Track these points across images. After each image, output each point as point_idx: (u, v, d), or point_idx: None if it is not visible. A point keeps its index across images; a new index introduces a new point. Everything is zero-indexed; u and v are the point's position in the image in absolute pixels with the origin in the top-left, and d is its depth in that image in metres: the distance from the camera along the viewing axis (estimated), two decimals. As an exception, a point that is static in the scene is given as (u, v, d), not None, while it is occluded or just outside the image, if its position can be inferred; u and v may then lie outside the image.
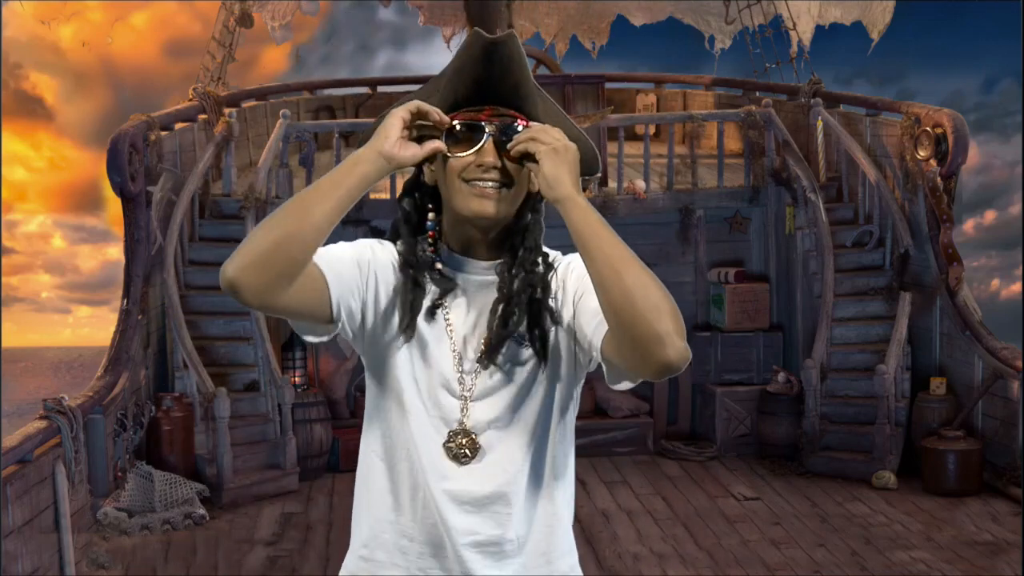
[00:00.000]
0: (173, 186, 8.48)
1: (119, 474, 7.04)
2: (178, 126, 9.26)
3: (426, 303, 1.94)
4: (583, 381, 2.02)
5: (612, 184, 9.59)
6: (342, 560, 2.09)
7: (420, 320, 1.94)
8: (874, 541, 6.55)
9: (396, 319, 1.95)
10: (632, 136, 11.17)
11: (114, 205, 8.20)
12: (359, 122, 10.89)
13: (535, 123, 1.91)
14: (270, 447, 7.96)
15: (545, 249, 1.98)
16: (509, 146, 1.87)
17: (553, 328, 1.95)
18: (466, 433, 1.93)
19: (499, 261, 1.95)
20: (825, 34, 12.62)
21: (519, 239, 1.95)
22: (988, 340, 7.76)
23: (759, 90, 11.19)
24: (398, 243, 1.99)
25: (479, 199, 1.88)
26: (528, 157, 1.86)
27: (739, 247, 9.73)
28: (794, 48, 11.80)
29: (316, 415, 8.25)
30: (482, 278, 1.96)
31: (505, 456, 1.95)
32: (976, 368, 7.88)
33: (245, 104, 11.02)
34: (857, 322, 8.70)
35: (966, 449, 7.46)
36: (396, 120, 1.84)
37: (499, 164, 1.88)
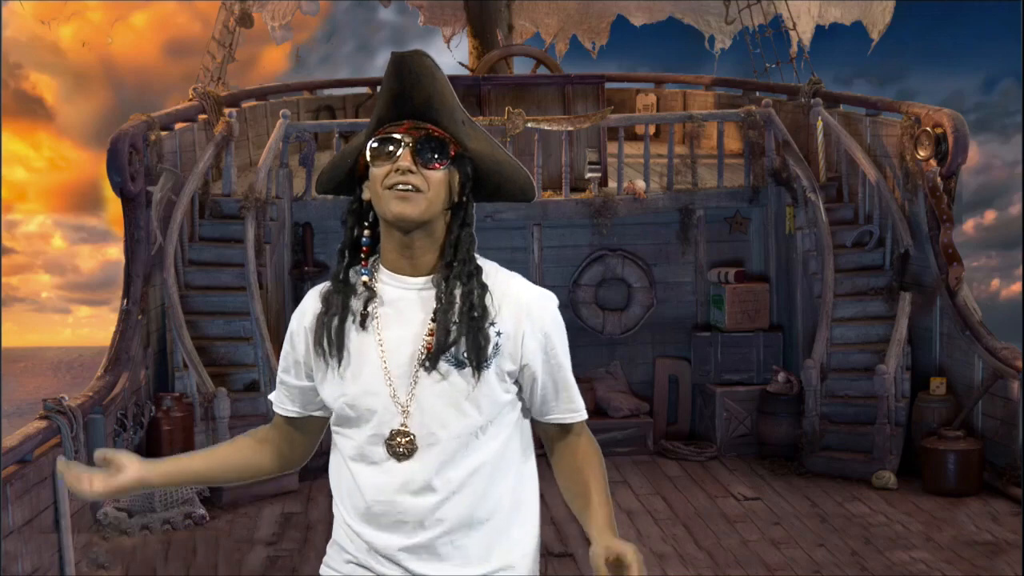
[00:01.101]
0: (173, 186, 8.48)
1: (119, 474, 7.03)
2: (178, 126, 9.25)
3: (356, 315, 2.14)
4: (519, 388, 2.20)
5: (612, 184, 9.59)
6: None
7: (352, 335, 2.14)
8: (874, 541, 6.55)
9: (323, 353, 2.19)
10: (632, 136, 11.18)
11: (114, 205, 8.20)
12: (359, 122, 10.89)
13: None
14: (270, 447, 7.94)
15: (480, 261, 2.14)
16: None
17: (490, 349, 2.11)
18: (405, 434, 2.11)
19: (431, 276, 2.13)
20: (825, 34, 12.64)
21: (452, 252, 2.11)
22: (988, 340, 7.76)
23: (759, 90, 11.18)
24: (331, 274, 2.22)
25: (399, 201, 2.06)
26: (436, 167, 2.11)
27: (739, 247, 9.73)
28: (794, 48, 11.80)
29: (316, 415, 8.24)
30: (414, 292, 2.14)
31: (441, 456, 2.11)
32: (976, 368, 7.88)
33: (245, 104, 11.01)
34: (857, 322, 8.70)
35: (966, 449, 7.46)
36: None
37: (414, 169, 2.06)
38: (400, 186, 2.06)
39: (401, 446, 2.11)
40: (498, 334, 2.11)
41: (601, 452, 2.33)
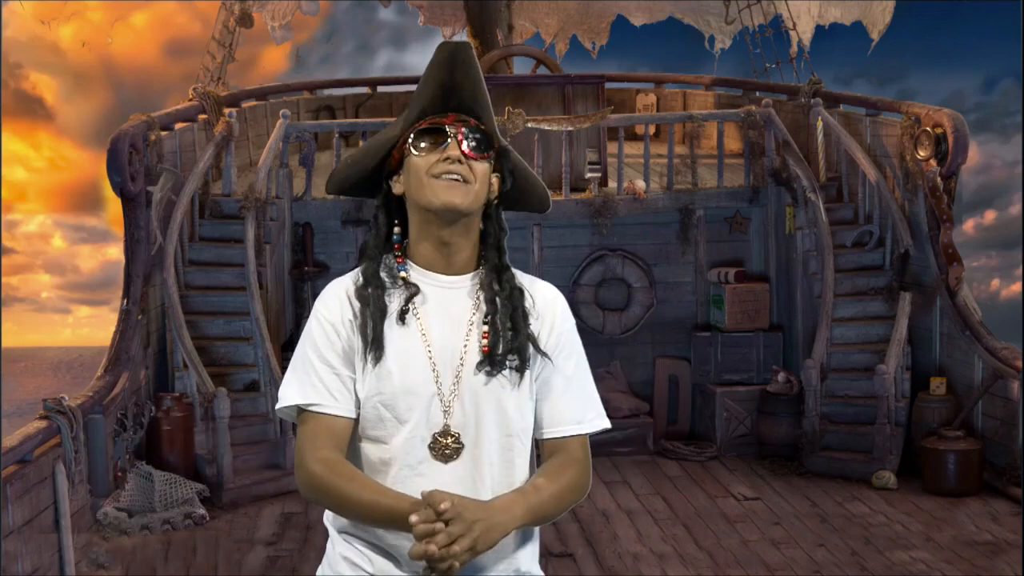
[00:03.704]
0: (173, 186, 8.48)
1: (119, 474, 7.04)
2: (178, 126, 9.26)
3: (395, 310, 2.08)
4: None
5: (612, 184, 9.59)
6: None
7: (391, 329, 2.07)
8: (874, 541, 6.55)
9: (368, 345, 2.09)
10: (632, 136, 11.17)
11: (114, 205, 8.21)
12: (359, 122, 10.89)
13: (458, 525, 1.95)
14: (270, 447, 7.96)
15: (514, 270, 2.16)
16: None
17: (530, 351, 2.11)
18: (449, 433, 2.06)
19: (469, 275, 2.11)
20: (825, 34, 12.64)
21: (496, 255, 2.13)
22: (988, 340, 7.76)
23: (759, 90, 11.18)
24: (361, 265, 2.14)
25: (447, 190, 2.04)
26: (486, 159, 2.10)
27: (739, 247, 9.73)
28: (794, 48, 11.80)
29: (316, 415, 8.23)
30: (452, 291, 2.11)
31: (484, 455, 2.08)
32: (976, 368, 7.88)
33: (245, 104, 11.01)
34: (857, 322, 8.70)
35: (966, 449, 7.46)
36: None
37: (463, 160, 2.05)
38: (449, 175, 2.04)
39: (448, 447, 2.06)
40: (535, 334, 2.13)
41: (582, 483, 2.22)
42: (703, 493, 7.72)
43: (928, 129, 8.34)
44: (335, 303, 2.11)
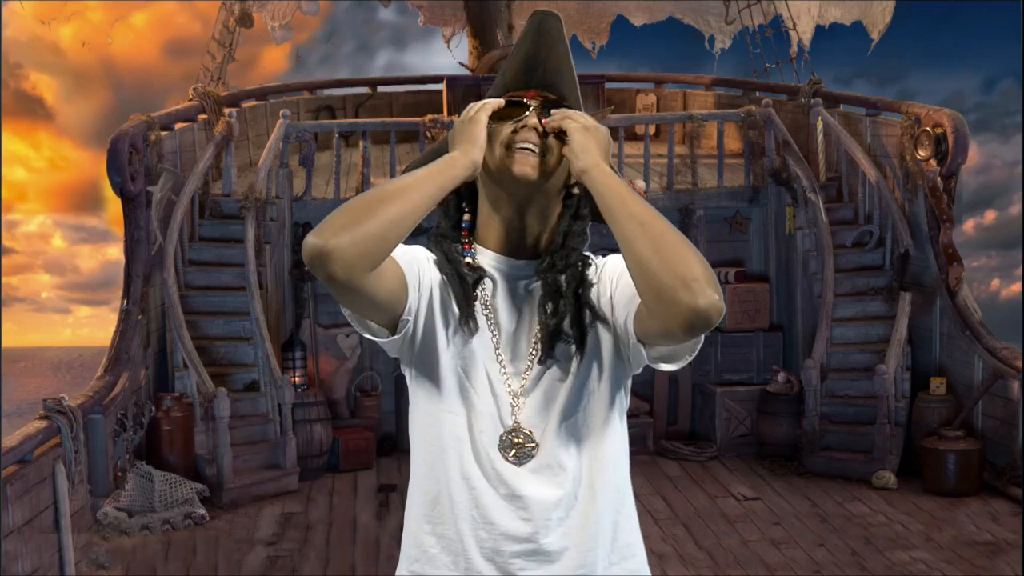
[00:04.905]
0: (173, 186, 8.48)
1: (119, 474, 7.04)
2: (178, 126, 9.26)
3: (466, 299, 1.93)
4: (629, 385, 2.00)
5: (612, 184, 9.57)
6: (342, 560, 2.10)
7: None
8: (874, 541, 6.55)
9: (441, 320, 1.93)
10: (632, 136, 11.17)
11: (114, 205, 8.21)
12: (359, 122, 10.89)
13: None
14: (270, 447, 7.96)
15: (586, 253, 1.99)
16: (545, 121, 1.92)
17: (595, 324, 1.94)
18: (520, 430, 1.91)
19: (537, 260, 1.95)
20: (825, 34, 12.65)
21: (560, 239, 1.95)
22: (988, 340, 7.76)
23: (759, 90, 11.19)
24: (434, 244, 1.99)
25: (521, 162, 1.89)
26: (562, 135, 1.91)
27: (739, 247, 9.73)
28: (794, 48, 11.81)
29: (316, 415, 8.25)
30: (519, 274, 1.96)
31: (563, 456, 1.91)
32: (976, 368, 7.89)
33: (245, 104, 11.02)
34: (857, 322, 8.70)
35: (966, 449, 7.46)
36: (482, 128, 1.91)
37: (539, 128, 1.91)
38: (523, 144, 1.90)
39: (521, 446, 1.91)
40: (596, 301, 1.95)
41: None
42: (703, 493, 7.72)
43: (928, 129, 8.35)
44: (425, 253, 1.96)
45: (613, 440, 1.97)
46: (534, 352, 1.93)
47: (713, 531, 6.82)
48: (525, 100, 1.95)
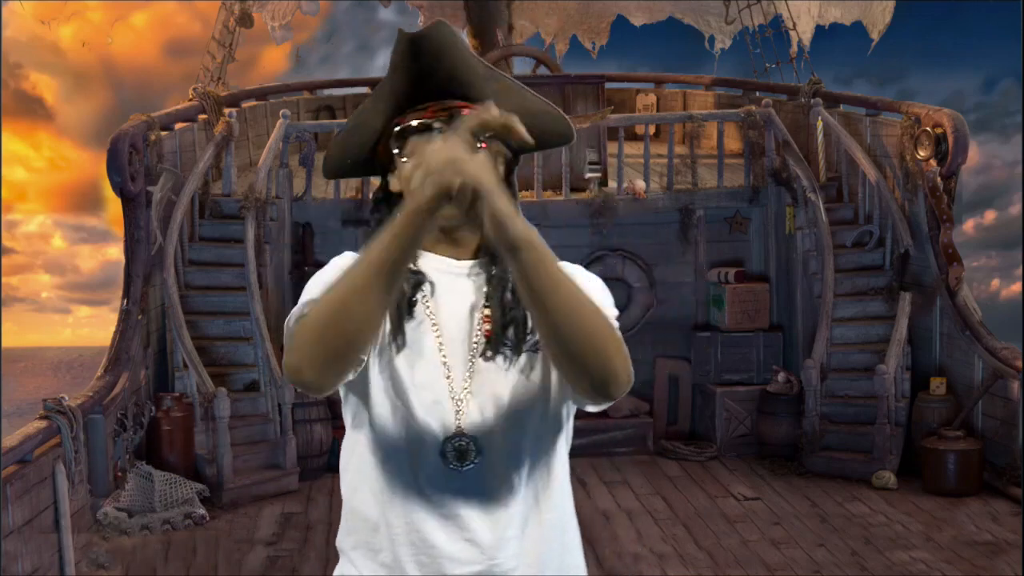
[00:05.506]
0: (173, 186, 8.49)
1: (119, 474, 7.04)
2: (178, 126, 9.27)
3: (403, 300, 1.83)
4: (573, 409, 1.93)
5: (612, 184, 9.59)
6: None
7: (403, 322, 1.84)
8: (874, 541, 6.55)
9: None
10: (632, 136, 11.18)
11: (114, 205, 8.21)
12: (359, 122, 10.87)
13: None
14: (270, 447, 7.96)
15: None
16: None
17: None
18: (464, 435, 1.82)
19: (474, 261, 1.87)
20: (825, 34, 12.65)
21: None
22: (988, 340, 7.76)
23: (759, 90, 11.19)
24: None
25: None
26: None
27: (739, 247, 9.73)
28: (794, 48, 11.81)
29: (316, 415, 8.24)
30: (463, 277, 1.87)
31: (507, 460, 1.84)
32: (976, 368, 7.88)
33: (245, 104, 11.02)
34: (857, 322, 8.70)
35: (966, 449, 7.46)
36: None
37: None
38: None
39: (463, 451, 1.82)
40: None
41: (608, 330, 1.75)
42: (703, 493, 7.72)
43: (928, 129, 8.35)
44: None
45: (559, 459, 1.92)
46: (476, 346, 1.83)
47: (713, 531, 6.81)
48: (428, 120, 1.83)
